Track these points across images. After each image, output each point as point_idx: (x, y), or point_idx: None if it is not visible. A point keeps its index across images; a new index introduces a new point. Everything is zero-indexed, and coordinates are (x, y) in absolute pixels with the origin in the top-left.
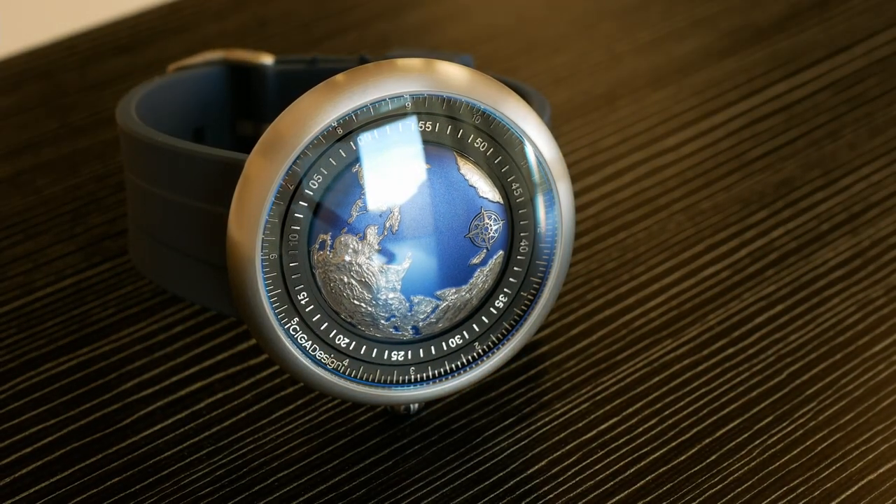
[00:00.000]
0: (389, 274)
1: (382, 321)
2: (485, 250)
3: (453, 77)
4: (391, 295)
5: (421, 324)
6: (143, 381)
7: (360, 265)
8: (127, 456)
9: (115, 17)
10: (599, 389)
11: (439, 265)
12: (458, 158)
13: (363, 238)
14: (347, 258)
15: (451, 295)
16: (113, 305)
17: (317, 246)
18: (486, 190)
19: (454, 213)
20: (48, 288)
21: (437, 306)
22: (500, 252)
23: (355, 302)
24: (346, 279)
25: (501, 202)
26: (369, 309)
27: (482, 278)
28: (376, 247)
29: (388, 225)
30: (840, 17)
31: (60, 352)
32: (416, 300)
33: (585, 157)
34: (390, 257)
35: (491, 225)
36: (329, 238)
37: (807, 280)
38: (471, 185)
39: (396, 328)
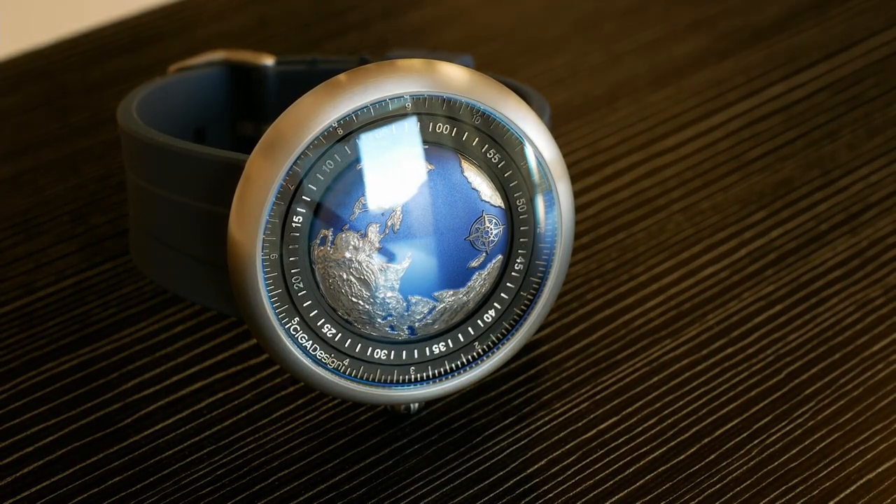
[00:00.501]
0: (388, 273)
1: (379, 320)
2: (484, 254)
3: (453, 78)
4: (389, 294)
5: (417, 324)
6: (144, 380)
7: (359, 262)
8: (128, 455)
9: (116, 18)
10: (599, 389)
11: (438, 266)
12: (462, 161)
13: (364, 235)
14: (348, 255)
15: (449, 297)
16: (114, 305)
17: (318, 241)
18: (489, 193)
19: (455, 215)
20: (49, 288)
21: (434, 307)
22: (499, 257)
23: (353, 299)
24: (345, 276)
25: (503, 206)
26: (367, 307)
27: (480, 282)
28: (377, 245)
29: (389, 223)
30: (838, 18)
31: (61, 351)
32: (413, 300)
33: (585, 158)
34: (390, 256)
35: (491, 229)
36: (330, 234)
37: (805, 280)
38: (473, 188)
39: (392, 327)
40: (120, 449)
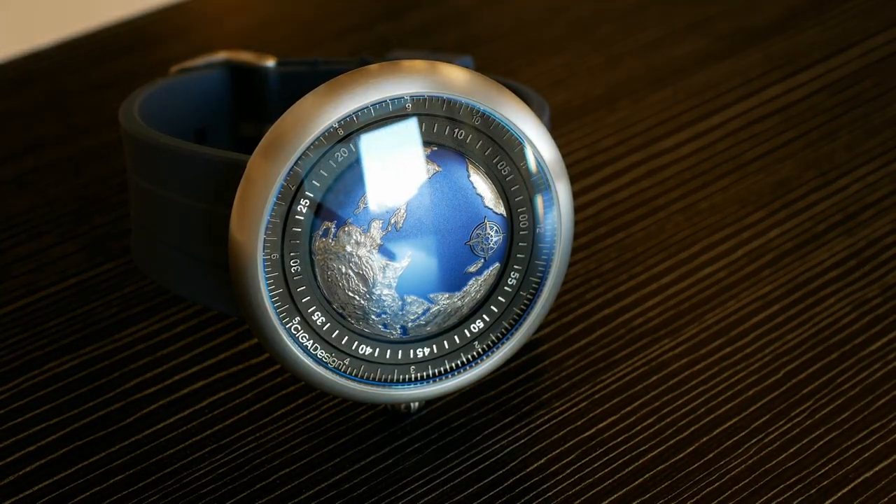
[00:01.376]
0: (388, 270)
1: (373, 316)
2: (482, 260)
3: (453, 79)
4: (386, 291)
5: (410, 324)
6: (146, 379)
7: (360, 257)
8: (129, 454)
9: (117, 19)
10: (598, 388)
11: (437, 268)
12: (470, 166)
13: (367, 231)
14: (349, 249)
15: (444, 300)
16: (115, 305)
17: (320, 232)
18: (492, 201)
19: (458, 219)
20: (51, 287)
21: (429, 309)
22: (497, 265)
23: (350, 293)
24: (343, 269)
25: (504, 215)
26: (362, 302)
27: (476, 288)
28: (378, 241)
29: (393, 221)
30: (836, 20)
31: (63, 351)
32: (409, 300)
33: (584, 158)
34: (391, 254)
35: (492, 236)
36: (333, 226)
37: (803, 280)
38: (478, 194)
39: (385, 325)
40: (122, 448)
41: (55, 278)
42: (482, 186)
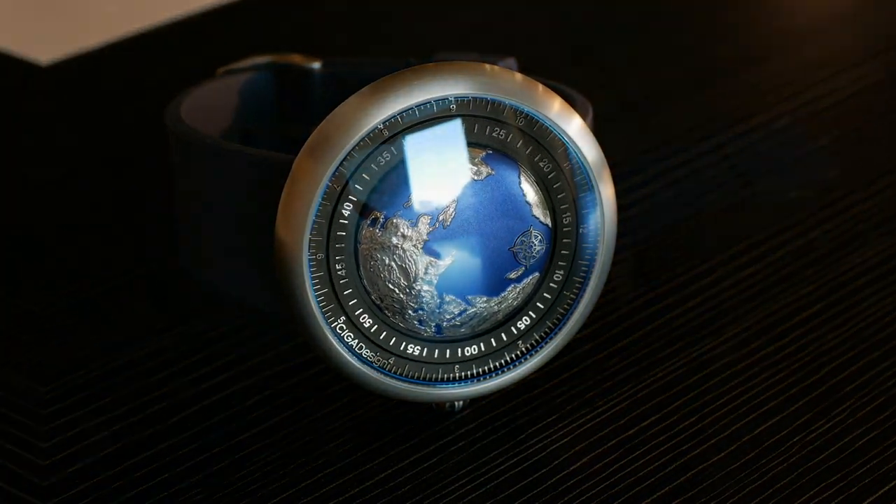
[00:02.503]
0: (430, 267)
1: (410, 311)
2: (523, 268)
3: (498, 80)
4: (426, 288)
5: (445, 324)
6: (191, 379)
7: (404, 250)
8: (176, 453)
9: (165, 21)
10: (640, 387)
11: (478, 270)
12: (522, 173)
13: (415, 225)
14: (395, 241)
15: (482, 303)
16: (160, 305)
17: (367, 222)
18: (540, 210)
19: (505, 224)
20: (94, 290)
21: (465, 310)
22: (536, 274)
23: (390, 286)
24: (387, 261)
25: (549, 225)
26: (401, 296)
27: (514, 295)
28: (425, 237)
29: (441, 218)
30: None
31: (119, 347)
32: (447, 299)
33: (627, 159)
34: (435, 251)
35: (535, 245)
36: (382, 217)
37: (844, 279)
38: (527, 202)
39: (421, 322)
40: (168, 446)
41: (99, 279)
42: (532, 195)
